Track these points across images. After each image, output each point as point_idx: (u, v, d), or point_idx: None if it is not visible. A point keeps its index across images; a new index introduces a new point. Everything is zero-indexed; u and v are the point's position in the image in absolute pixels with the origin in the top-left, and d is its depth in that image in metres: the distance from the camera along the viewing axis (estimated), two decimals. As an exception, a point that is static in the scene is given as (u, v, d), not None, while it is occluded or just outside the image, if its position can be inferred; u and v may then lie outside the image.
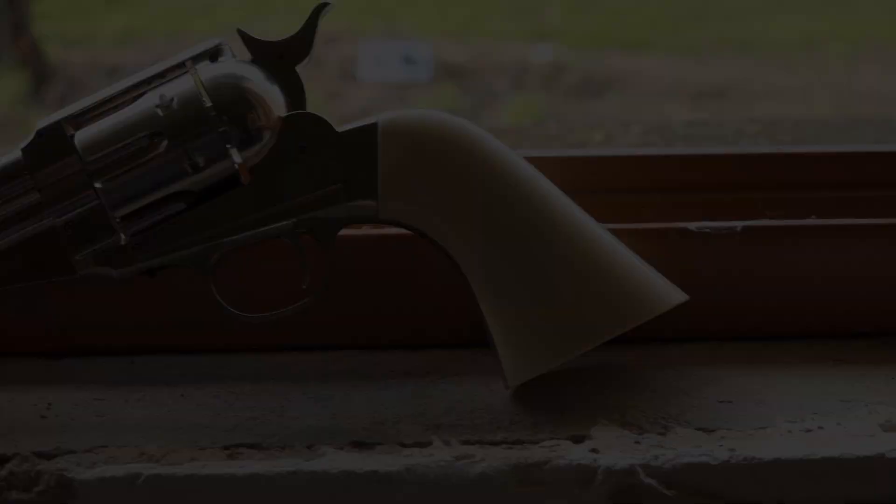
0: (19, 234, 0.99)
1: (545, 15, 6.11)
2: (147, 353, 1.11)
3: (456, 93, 5.21)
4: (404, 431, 0.98)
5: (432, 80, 5.36)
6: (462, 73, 5.47)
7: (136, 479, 0.93)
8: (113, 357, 1.10)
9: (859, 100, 5.13)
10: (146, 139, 0.97)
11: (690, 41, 5.78)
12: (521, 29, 5.90)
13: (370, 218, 1.00)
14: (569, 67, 5.56)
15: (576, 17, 6.08)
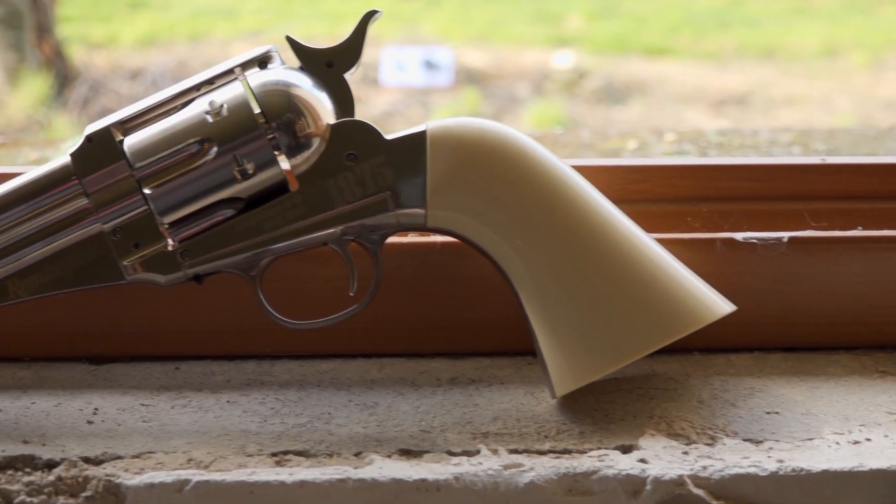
0: (67, 239, 1.00)
1: (567, 21, 6.11)
2: (192, 359, 1.11)
3: (477, 98, 5.21)
4: (451, 440, 0.98)
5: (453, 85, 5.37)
6: (483, 78, 5.47)
7: (185, 486, 0.93)
8: (158, 362, 1.10)
9: (883, 108, 5.11)
10: (196, 145, 0.97)
11: (712, 48, 5.77)
12: (543, 34, 5.90)
13: (418, 226, 1.00)
14: (590, 73, 5.55)
15: (598, 23, 6.08)
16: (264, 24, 6.15)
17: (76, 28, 5.90)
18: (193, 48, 5.88)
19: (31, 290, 1.00)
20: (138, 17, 6.18)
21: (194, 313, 1.09)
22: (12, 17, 5.34)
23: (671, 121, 5.07)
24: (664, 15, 6.15)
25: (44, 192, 0.99)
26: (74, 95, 5.28)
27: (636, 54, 5.76)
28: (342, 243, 1.01)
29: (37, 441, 0.99)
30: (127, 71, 5.55)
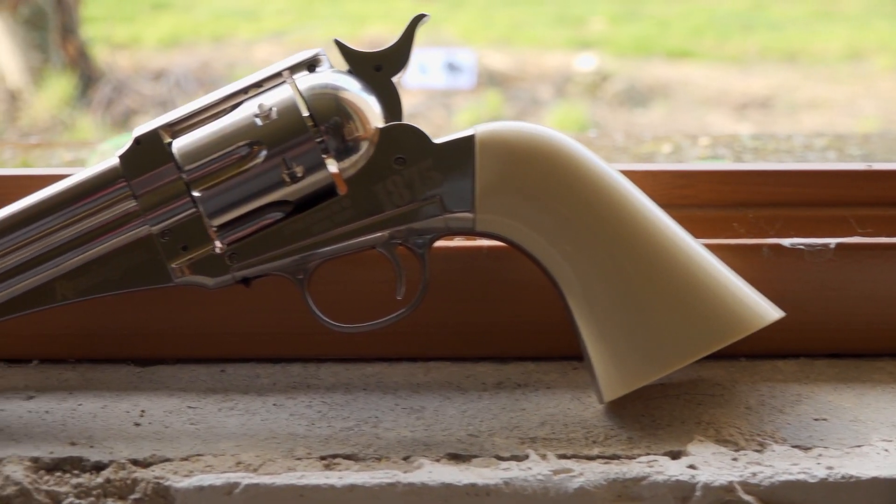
0: (115, 241, 1.00)
1: (589, 23, 6.10)
2: (237, 362, 1.11)
3: (499, 100, 5.21)
4: (500, 444, 0.98)
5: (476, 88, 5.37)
6: (506, 80, 5.47)
7: (234, 489, 0.93)
8: (203, 364, 1.11)
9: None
10: (245, 148, 0.97)
11: (735, 51, 5.77)
12: (566, 37, 5.89)
13: (466, 230, 1.00)
14: (613, 76, 5.55)
15: (620, 26, 6.07)
16: (286, 26, 6.16)
17: (100, 29, 5.92)
18: (216, 49, 5.89)
19: (78, 291, 1.00)
20: (161, 18, 6.20)
21: (240, 316, 1.09)
22: (37, 17, 5.35)
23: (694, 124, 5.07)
24: (687, 18, 6.15)
25: (92, 194, 0.99)
26: (98, 96, 5.30)
27: (659, 57, 5.76)
28: (390, 247, 1.01)
29: (84, 443, 0.99)
30: (150, 71, 5.57)
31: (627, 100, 5.45)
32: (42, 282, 1.00)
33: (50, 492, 0.95)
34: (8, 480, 0.95)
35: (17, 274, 0.99)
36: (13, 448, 0.98)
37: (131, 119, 5.22)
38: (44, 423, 1.02)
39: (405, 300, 1.02)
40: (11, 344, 1.10)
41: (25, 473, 0.96)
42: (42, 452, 0.98)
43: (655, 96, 5.46)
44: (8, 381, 1.08)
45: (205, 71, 5.59)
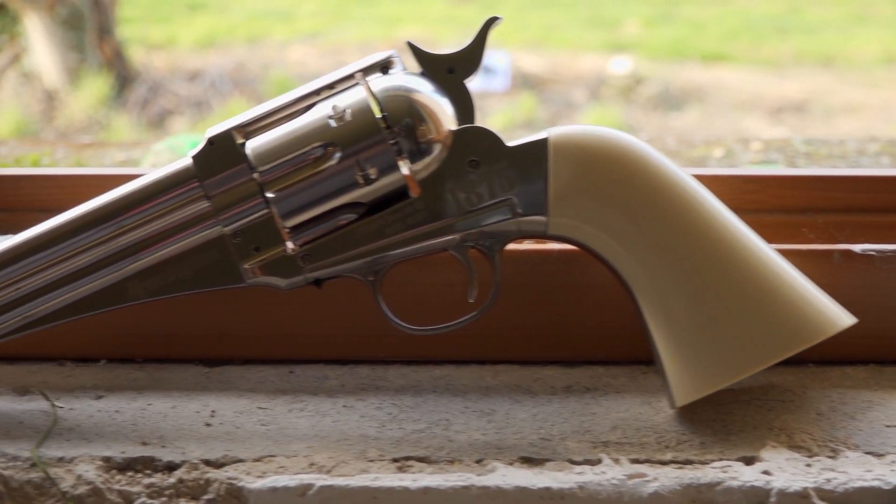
0: (187, 241, 1.00)
1: (624, 26, 6.09)
2: (305, 363, 1.11)
3: (533, 103, 5.21)
4: (572, 448, 0.97)
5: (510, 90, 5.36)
6: (540, 83, 5.47)
7: (308, 490, 0.93)
8: (271, 365, 1.10)
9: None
10: (320, 149, 0.97)
11: (770, 54, 5.74)
12: (600, 40, 5.88)
13: (539, 233, 1.00)
14: (647, 79, 5.54)
15: (654, 29, 6.06)
16: (320, 27, 6.17)
17: (136, 29, 5.95)
18: (251, 50, 5.91)
19: (150, 291, 1.00)
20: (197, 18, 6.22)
21: (308, 317, 1.09)
22: (74, 18, 5.37)
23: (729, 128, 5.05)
24: (722, 21, 6.13)
25: (165, 195, 0.99)
26: (134, 96, 5.32)
27: (693, 60, 5.74)
28: (462, 249, 1.00)
29: (156, 443, 0.99)
30: (185, 72, 5.58)
31: (662, 103, 5.44)
32: (114, 281, 1.00)
33: (122, 491, 0.95)
34: (80, 480, 0.95)
35: (90, 273, 0.99)
36: (85, 447, 0.98)
37: (166, 119, 5.24)
38: (114, 422, 1.02)
39: (476, 303, 1.02)
40: (80, 343, 1.11)
41: (98, 473, 0.96)
42: (114, 452, 0.98)
43: (690, 100, 5.45)
44: (77, 380, 1.09)
45: (240, 72, 5.60)
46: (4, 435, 1.00)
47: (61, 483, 0.95)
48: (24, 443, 0.99)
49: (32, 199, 1.14)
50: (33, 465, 0.96)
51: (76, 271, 0.99)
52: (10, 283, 0.99)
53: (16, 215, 1.13)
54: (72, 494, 0.95)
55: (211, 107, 5.28)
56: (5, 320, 1.00)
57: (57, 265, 0.99)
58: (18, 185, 1.15)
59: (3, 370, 1.11)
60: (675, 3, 6.33)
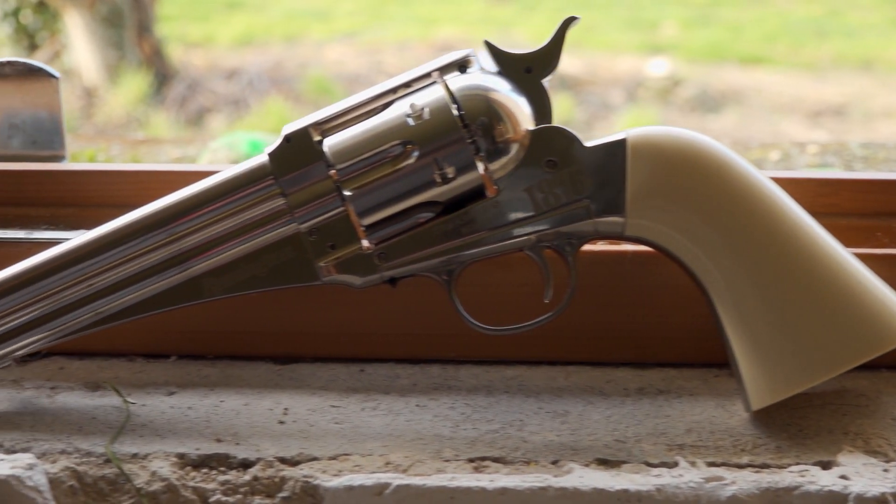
0: (263, 239, 0.99)
1: (661, 28, 6.07)
2: (376, 362, 1.10)
3: (570, 104, 5.20)
4: (647, 450, 0.97)
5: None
6: (577, 84, 5.46)
7: (385, 489, 0.92)
8: (342, 364, 1.10)
9: None
10: (398, 148, 0.97)
11: (809, 57, 5.72)
12: (637, 41, 5.87)
13: (616, 234, 0.99)
14: (685, 81, 5.52)
15: (693, 31, 6.04)
16: (357, 27, 6.18)
17: (175, 27, 5.96)
18: (288, 49, 5.92)
19: (225, 288, 1.00)
20: (235, 17, 6.23)
21: (380, 316, 1.09)
22: (114, 15, 5.40)
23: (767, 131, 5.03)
24: (760, 23, 6.10)
25: (240, 191, 0.99)
26: (172, 93, 5.34)
27: (731, 63, 5.72)
28: (538, 250, 1.00)
29: (230, 440, 0.99)
30: (223, 70, 5.60)
31: (699, 105, 5.42)
32: (189, 278, 1.00)
33: (197, 488, 0.95)
34: (155, 476, 0.95)
35: (164, 270, 0.99)
36: (158, 444, 0.98)
37: (204, 117, 5.25)
38: (187, 419, 1.02)
39: (550, 304, 1.01)
40: (150, 339, 1.11)
41: (172, 469, 0.96)
42: (188, 449, 0.98)
43: (728, 102, 5.43)
44: (148, 376, 1.09)
45: (277, 70, 5.61)
46: (77, 430, 1.01)
47: (135, 479, 0.95)
48: (98, 438, 0.99)
49: (105, 194, 1.14)
50: (107, 461, 0.97)
51: (150, 268, 0.99)
52: (82, 279, 0.99)
53: (88, 211, 1.14)
54: (146, 491, 0.95)
55: (248, 105, 5.30)
56: (76, 317, 1.00)
57: (131, 262, 0.99)
58: (90, 180, 1.15)
59: (73, 365, 1.11)
60: (714, 5, 6.31)
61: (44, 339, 1.01)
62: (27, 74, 1.19)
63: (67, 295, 0.99)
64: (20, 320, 1.00)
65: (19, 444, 0.99)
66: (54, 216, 1.15)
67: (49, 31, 5.60)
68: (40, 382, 1.08)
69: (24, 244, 1.10)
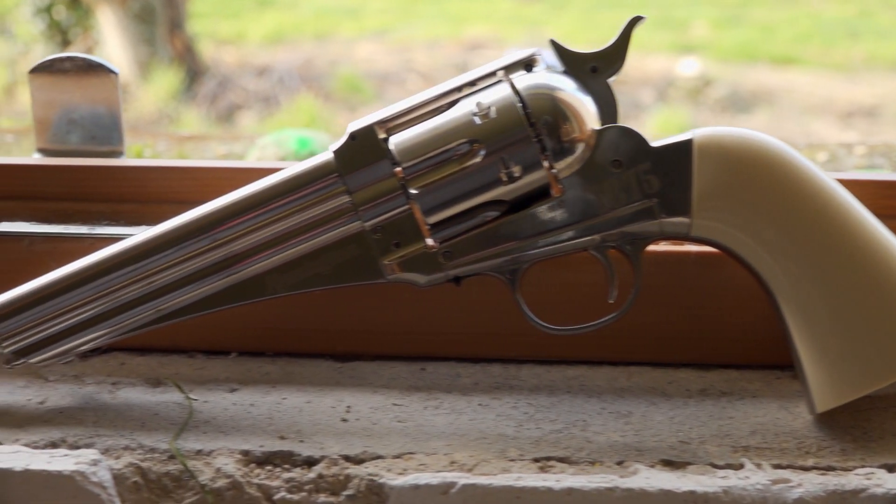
0: (327, 236, 0.99)
1: (692, 28, 6.06)
2: (437, 360, 1.10)
3: (601, 103, 5.17)
4: (712, 452, 0.97)
5: (577, 90, 5.33)
6: (607, 83, 5.43)
7: (450, 488, 0.92)
8: (402, 362, 1.10)
9: None
10: (465, 146, 0.97)
11: (841, 58, 5.69)
12: (668, 41, 5.85)
13: (681, 235, 0.99)
14: (715, 81, 5.51)
15: (724, 31, 6.02)
16: (388, 24, 6.18)
17: (206, 24, 5.98)
18: (319, 46, 5.92)
19: (288, 286, 1.00)
20: (266, 14, 6.24)
21: (442, 315, 1.09)
22: (146, 12, 5.41)
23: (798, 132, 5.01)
24: (792, 24, 6.08)
25: (305, 188, 0.99)
26: (203, 90, 5.35)
27: (763, 63, 5.70)
28: (602, 249, 1.00)
29: (293, 437, 0.99)
30: (254, 67, 5.61)
31: (730, 105, 5.41)
32: (252, 275, 1.00)
33: (262, 485, 0.95)
34: (219, 473, 0.96)
35: (229, 266, 0.99)
36: (222, 440, 0.99)
37: (235, 114, 5.26)
38: (249, 416, 1.02)
39: (615, 304, 1.01)
40: (211, 336, 1.11)
41: (237, 466, 0.96)
42: (252, 446, 0.98)
43: (759, 103, 5.41)
44: (209, 373, 1.09)
45: (307, 68, 5.62)
46: (140, 426, 1.01)
47: (200, 476, 0.95)
48: (161, 434, 0.99)
49: (165, 190, 1.14)
50: (171, 457, 0.97)
51: (214, 265, 0.99)
52: (144, 276, 0.99)
53: (148, 207, 1.14)
54: (210, 487, 0.95)
55: (279, 102, 5.31)
56: (138, 314, 1.00)
57: (194, 259, 0.99)
58: (151, 176, 1.15)
59: (134, 361, 1.11)
60: (745, 5, 6.29)
61: (106, 336, 1.01)
62: (87, 70, 1.19)
63: (130, 292, 1.00)
64: (83, 316, 1.00)
65: (82, 439, 0.99)
66: (115, 212, 1.15)
67: (81, 28, 5.62)
68: (101, 378, 1.08)
69: (87, 239, 1.10)
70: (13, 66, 5.56)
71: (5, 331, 1.00)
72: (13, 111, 5.24)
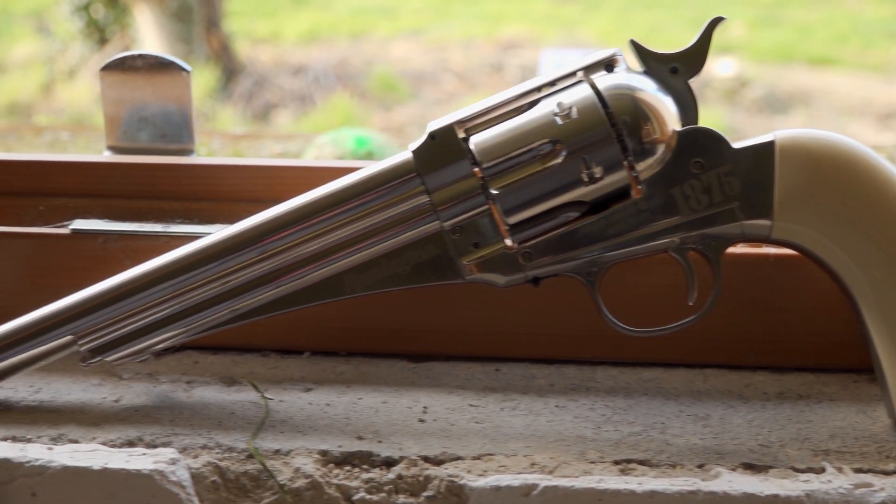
0: (406, 236, 0.99)
1: (729, 28, 6.03)
2: (511, 361, 1.10)
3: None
4: (793, 456, 0.96)
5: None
6: (643, 83, 5.42)
7: (532, 490, 0.92)
8: (476, 362, 1.10)
9: None
10: (547, 146, 0.96)
11: (879, 59, 5.66)
12: (705, 41, 5.82)
13: (761, 237, 0.98)
14: (752, 82, 5.49)
15: (760, 31, 6.00)
16: (423, 24, 6.18)
17: (242, 23, 5.99)
18: (354, 45, 5.92)
19: (367, 285, 1.00)
20: (301, 13, 6.25)
21: (516, 316, 1.08)
22: (183, 11, 5.43)
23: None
24: (829, 24, 6.06)
25: (384, 188, 0.98)
26: (239, 89, 5.36)
27: (799, 64, 5.67)
28: (682, 251, 0.99)
29: (371, 437, 0.99)
30: (290, 66, 5.62)
31: (767, 106, 5.39)
32: (331, 274, 1.00)
33: (340, 486, 0.95)
34: (298, 473, 0.95)
35: (306, 266, 0.99)
36: (300, 440, 0.98)
37: (271, 112, 5.27)
38: (326, 415, 1.02)
39: (694, 306, 1.00)
40: (285, 335, 1.11)
41: (316, 466, 0.96)
42: (330, 446, 0.98)
43: (795, 103, 5.39)
44: (284, 372, 1.09)
45: (343, 67, 5.62)
46: (217, 425, 1.01)
47: (278, 475, 0.95)
48: (238, 434, 0.99)
49: (239, 189, 1.14)
50: (249, 457, 0.97)
51: (292, 264, 0.99)
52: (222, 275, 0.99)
53: (222, 205, 1.14)
54: (289, 488, 0.95)
55: (314, 101, 5.31)
56: (214, 313, 1.00)
57: (273, 257, 0.99)
58: (224, 174, 1.15)
59: (208, 359, 1.11)
60: (782, 6, 6.26)
61: (182, 335, 1.01)
62: (158, 67, 1.20)
63: (207, 291, 0.99)
64: (159, 315, 1.00)
65: (159, 438, 0.99)
66: (188, 210, 1.15)
67: (119, 26, 5.64)
68: (176, 376, 1.08)
69: (161, 237, 1.10)
70: (51, 63, 5.59)
71: (82, 328, 1.00)
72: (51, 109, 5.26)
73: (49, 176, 1.17)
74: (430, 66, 5.68)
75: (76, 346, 1.00)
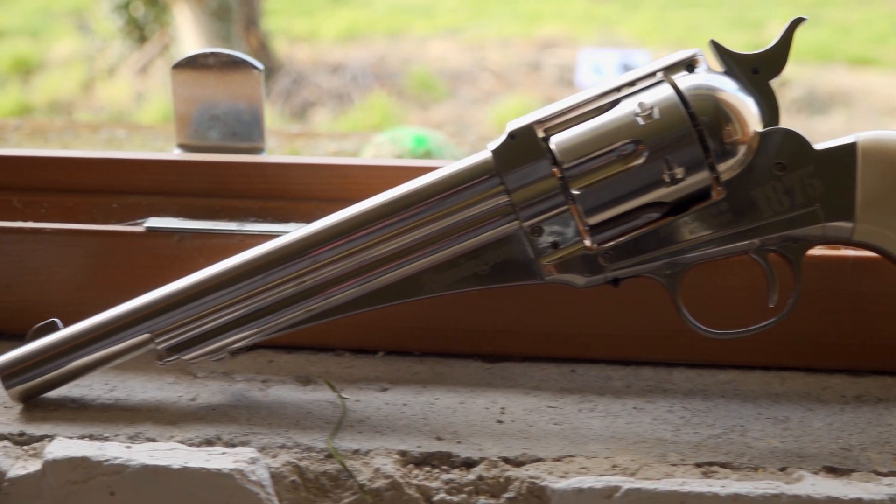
0: (485, 235, 0.99)
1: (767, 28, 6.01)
2: (586, 362, 1.09)
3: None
4: (874, 459, 0.95)
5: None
6: (680, 83, 5.40)
7: (615, 492, 0.92)
8: (551, 363, 1.10)
9: None
10: (630, 146, 0.96)
11: (920, 60, 5.64)
12: (743, 41, 5.80)
13: (843, 240, 0.98)
14: (791, 82, 5.46)
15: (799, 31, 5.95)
16: (460, 23, 6.18)
17: (280, 21, 6.00)
18: (391, 44, 5.93)
19: (445, 285, 1.00)
20: (339, 12, 6.26)
21: (592, 317, 1.08)
22: (222, 9, 5.44)
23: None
24: (869, 24, 6.03)
25: (463, 187, 0.98)
26: (277, 87, 5.37)
27: (839, 64, 5.65)
28: (763, 253, 0.99)
29: (450, 438, 0.98)
30: (327, 65, 5.63)
31: (806, 107, 5.37)
32: (409, 274, 1.00)
33: (420, 486, 0.95)
34: (378, 473, 0.95)
35: (385, 265, 0.99)
36: (379, 440, 0.98)
37: (308, 111, 5.28)
38: (403, 415, 1.02)
39: (774, 308, 1.00)
40: (359, 335, 1.11)
41: (395, 467, 0.96)
42: (409, 446, 0.97)
43: (835, 104, 5.37)
44: (359, 372, 1.09)
45: (380, 65, 5.63)
46: (295, 424, 1.01)
47: (358, 476, 0.95)
48: (316, 433, 0.99)
49: (311, 188, 1.14)
50: (328, 457, 0.97)
51: (370, 263, 0.99)
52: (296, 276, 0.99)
53: (295, 204, 1.14)
54: (369, 488, 0.95)
55: (352, 100, 5.32)
56: (291, 312, 1.00)
57: (349, 258, 0.99)
58: (297, 173, 1.15)
59: (282, 359, 1.11)
60: (821, 5, 6.23)
61: (258, 334, 1.01)
62: (230, 66, 1.20)
63: (284, 290, 0.99)
64: (236, 314, 1.00)
65: (237, 437, 0.99)
66: (261, 208, 1.15)
67: (158, 24, 5.66)
68: (251, 375, 1.08)
69: (236, 236, 1.10)
70: (91, 62, 5.61)
71: (159, 327, 1.00)
72: (91, 106, 5.28)
73: (122, 174, 1.18)
74: (468, 66, 5.68)
75: (153, 344, 1.00)
